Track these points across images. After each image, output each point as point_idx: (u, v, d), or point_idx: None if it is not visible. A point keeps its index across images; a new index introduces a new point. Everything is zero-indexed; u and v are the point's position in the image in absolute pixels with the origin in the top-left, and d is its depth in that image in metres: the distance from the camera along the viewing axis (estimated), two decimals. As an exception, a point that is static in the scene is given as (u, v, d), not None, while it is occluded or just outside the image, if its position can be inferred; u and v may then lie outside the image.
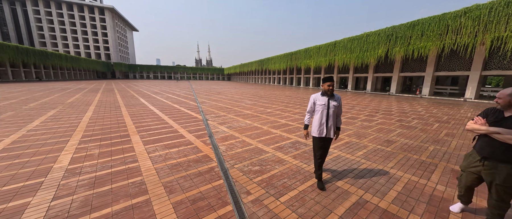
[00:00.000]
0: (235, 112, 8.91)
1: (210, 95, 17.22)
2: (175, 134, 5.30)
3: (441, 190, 2.76)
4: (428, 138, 5.30)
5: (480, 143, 1.94)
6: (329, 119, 2.66)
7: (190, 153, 3.99)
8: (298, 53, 34.41)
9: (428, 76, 18.79)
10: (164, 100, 13.04)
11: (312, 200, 2.51)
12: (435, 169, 3.42)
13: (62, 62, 45.99)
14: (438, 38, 15.90)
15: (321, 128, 2.68)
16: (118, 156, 3.80)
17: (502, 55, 14.53)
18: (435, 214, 2.25)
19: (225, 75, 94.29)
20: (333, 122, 2.71)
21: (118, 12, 71.70)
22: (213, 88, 26.64)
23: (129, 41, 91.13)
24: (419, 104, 12.49)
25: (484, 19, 13.41)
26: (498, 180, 1.79)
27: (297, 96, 16.86)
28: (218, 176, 3.08)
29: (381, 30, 20.23)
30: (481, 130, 1.86)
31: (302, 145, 4.60)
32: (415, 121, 7.43)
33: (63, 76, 49.71)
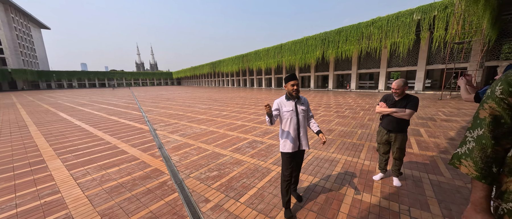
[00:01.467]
0: (188, 118, 8.36)
1: (158, 102, 15.51)
2: (114, 151, 4.50)
3: (367, 164, 3.44)
4: (357, 123, 6.49)
5: (385, 121, 2.65)
6: (301, 127, 2.14)
7: (135, 170, 3.47)
8: (249, 55, 35.46)
9: (354, 74, 23.02)
10: (96, 112, 10.84)
11: (270, 194, 2.64)
12: (363, 148, 4.22)
13: None
14: (357, 42, 19.69)
15: (293, 141, 2.11)
16: (28, 190, 2.90)
17: (397, 56, 19.40)
18: (364, 185, 2.78)
19: (175, 79, 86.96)
20: (305, 130, 2.21)
21: (16, 4, 54.67)
22: (161, 95, 24.08)
23: (37, 42, 70.88)
24: (349, 97, 15.12)
25: (384, 28, 17.54)
26: (397, 144, 2.58)
27: (252, 97, 17.36)
28: (171, 190, 2.81)
29: (317, 35, 23.35)
30: (386, 111, 2.58)
31: (258, 143, 4.77)
32: (347, 111, 8.95)
33: None
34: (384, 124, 2.66)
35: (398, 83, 2.46)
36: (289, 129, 2.14)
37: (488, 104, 0.78)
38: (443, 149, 4.02)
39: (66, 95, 26.63)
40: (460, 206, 2.26)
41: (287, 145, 2.14)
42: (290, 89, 2.10)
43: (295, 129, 2.13)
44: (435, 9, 14.48)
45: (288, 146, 2.13)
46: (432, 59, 17.56)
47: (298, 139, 2.16)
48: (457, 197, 2.42)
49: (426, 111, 8.25)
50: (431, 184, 2.74)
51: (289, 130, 2.14)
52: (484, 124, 0.77)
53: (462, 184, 2.71)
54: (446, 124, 6.02)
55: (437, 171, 3.11)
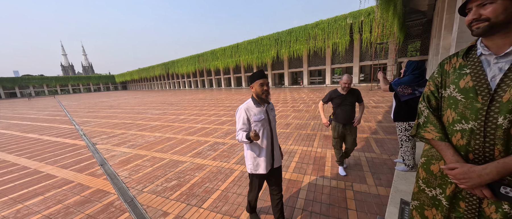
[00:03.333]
0: (139, 126, 7.42)
1: (97, 111, 13.14)
2: (35, 177, 3.56)
3: (320, 151, 3.86)
4: (310, 116, 7.19)
5: (340, 115, 2.70)
6: (274, 139, 1.75)
7: (68, 196, 2.85)
8: (205, 55, 34.10)
9: (305, 71, 25.33)
10: (2, 131, 8.31)
11: (234, 194, 2.63)
12: (315, 137, 4.71)
13: None
14: (305, 42, 21.72)
15: (267, 158, 1.69)
16: None
17: (338, 54, 22.45)
18: (317, 170, 3.11)
19: (118, 83, 75.14)
20: (278, 142, 1.86)
21: None
22: (101, 102, 20.47)
23: None
24: (303, 92, 16.57)
25: (326, 30, 19.97)
26: (353, 135, 2.75)
27: (212, 98, 16.81)
28: (120, 210, 2.44)
29: (270, 35, 24.50)
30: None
31: (220, 145, 4.67)
32: (301, 105, 9.79)
33: None
34: (340, 118, 2.70)
35: (350, 77, 2.60)
36: (261, 142, 1.67)
37: (428, 81, 1.04)
38: (374, 130, 4.91)
39: None
40: (387, 174, 2.81)
41: (261, 164, 1.69)
42: (258, 91, 1.63)
43: (269, 142, 1.70)
44: (362, 15, 17.40)
45: (262, 165, 1.68)
46: (363, 56, 21.09)
47: (272, 154, 1.74)
48: (384, 168, 3.00)
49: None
50: (367, 160, 3.31)
51: (261, 144, 1.67)
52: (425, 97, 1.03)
53: (387, 157, 3.38)
54: (375, 110, 7.36)
55: (370, 149, 3.77)
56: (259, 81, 1.63)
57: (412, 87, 2.32)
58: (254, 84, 1.66)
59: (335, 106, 2.77)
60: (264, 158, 1.70)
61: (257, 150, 1.71)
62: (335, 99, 2.74)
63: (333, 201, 2.34)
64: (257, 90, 1.65)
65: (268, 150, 1.72)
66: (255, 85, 1.65)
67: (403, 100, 2.42)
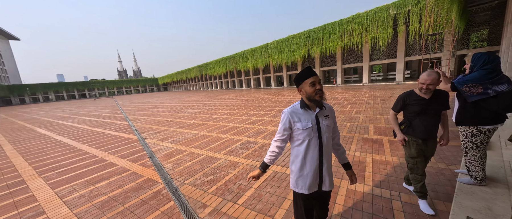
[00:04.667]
0: (178, 124, 8.17)
1: (144, 110, 15.00)
2: (102, 164, 4.29)
3: (358, 155, 3.57)
4: (345, 117, 6.71)
5: (419, 128, 1.96)
6: (324, 155, 1.39)
7: (126, 182, 3.34)
8: (235, 57, 35.33)
9: (339, 69, 23.76)
10: (78, 125, 10.26)
11: (267, 193, 2.66)
12: (353, 141, 4.37)
13: None
14: (340, 38, 20.35)
15: (311, 177, 1.39)
16: (8, 214, 2.69)
17: (378, 50, 20.31)
18: (357, 176, 2.89)
19: (161, 85, 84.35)
20: (330, 160, 1.45)
21: (-23, 13, 50.11)
22: (147, 102, 23.30)
23: (5, 54, 65.63)
24: (336, 92, 15.59)
25: (364, 23, 18.29)
26: (432, 153, 2.04)
27: (241, 98, 17.32)
28: (166, 199, 2.74)
29: (301, 33, 23.81)
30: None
31: (252, 144, 4.77)
32: (335, 105, 9.22)
33: None
34: (420, 132, 1.95)
35: (434, 76, 1.80)
36: (305, 157, 1.37)
37: None
38: (425, 135, 4.28)
39: (43, 110, 24.90)
40: (445, 186, 2.42)
41: (300, 182, 1.40)
42: (310, 92, 1.30)
43: (315, 157, 1.37)
44: (409, 4, 15.33)
45: (303, 184, 1.40)
46: (409, 51, 18.58)
47: (319, 173, 1.40)
48: (441, 179, 2.59)
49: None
50: (417, 168, 2.90)
51: (305, 159, 1.38)
52: None
53: (444, 166, 2.90)
54: (426, 111, 6.40)
55: (421, 156, 3.30)
56: (309, 80, 1.30)
57: (484, 85, 1.90)
58: (303, 85, 1.32)
59: (411, 115, 2.01)
60: (308, 176, 1.38)
61: (299, 163, 1.40)
62: (411, 106, 1.99)
63: (377, 211, 2.14)
64: (308, 91, 1.30)
65: (314, 167, 1.38)
66: (305, 86, 1.31)
67: (470, 101, 2.03)
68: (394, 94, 10.98)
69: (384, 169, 2.99)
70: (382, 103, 8.68)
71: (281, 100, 13.42)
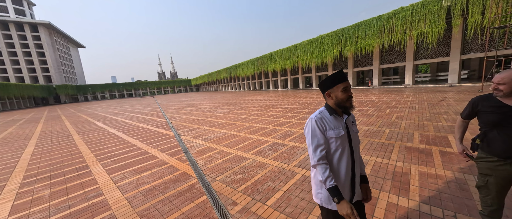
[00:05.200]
0: (209, 123, 8.66)
1: (179, 109, 16.34)
2: (145, 156, 4.84)
3: (400, 166, 3.20)
4: (384, 122, 6.10)
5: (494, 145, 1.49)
6: (356, 164, 1.32)
7: (165, 174, 3.69)
8: (264, 58, 35.64)
9: (376, 69, 21.72)
10: (126, 120, 11.79)
11: (297, 197, 2.60)
12: (393, 148, 3.95)
13: (-17, 91, 37.34)
14: (378, 36, 18.60)
15: (345, 190, 1.27)
16: (77, 192, 3.26)
17: (426, 47, 17.85)
18: (399, 188, 2.59)
19: (193, 86, 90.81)
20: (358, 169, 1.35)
21: (57, 27, 62.37)
22: (181, 101, 25.33)
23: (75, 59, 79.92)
24: (372, 94, 14.29)
25: (409, 18, 16.32)
26: None
27: (269, 100, 17.36)
28: (200, 193, 2.93)
29: (333, 32, 22.60)
30: None
31: (280, 146, 4.74)
32: (371, 109, 8.46)
33: (-14, 108, 40.26)
34: (500, 148, 1.46)
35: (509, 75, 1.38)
36: (338, 168, 1.25)
37: None
38: (490, 148, 3.57)
39: (100, 106, 29.45)
40: (519, 212, 1.98)
41: None
42: (342, 98, 1.22)
43: (349, 167, 1.26)
44: (468, -7, 13.08)
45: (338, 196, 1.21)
46: (467, 47, 15.82)
47: (351, 184, 1.28)
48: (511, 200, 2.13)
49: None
50: (479, 187, 2.45)
51: (338, 170, 1.25)
52: None
53: (518, 187, 2.38)
54: (491, 119, 5.35)
55: (484, 172, 2.77)
56: (342, 86, 1.21)
57: None
58: (333, 90, 1.23)
59: (485, 125, 1.55)
60: (342, 189, 1.24)
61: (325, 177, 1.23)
62: (486, 114, 1.53)
63: (424, 230, 1.89)
64: (340, 97, 1.22)
65: (346, 179, 1.25)
66: (337, 91, 1.22)
67: None
68: (446, 98, 9.49)
69: (435, 183, 2.62)
70: (431, 108, 7.59)
71: (309, 102, 12.97)
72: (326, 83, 1.25)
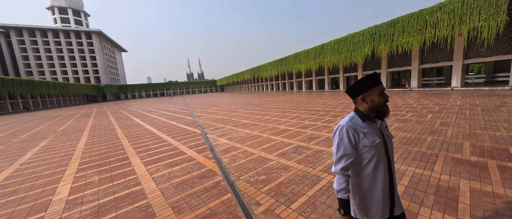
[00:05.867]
0: (233, 123, 8.89)
1: (206, 108, 17.16)
2: (176, 151, 5.21)
3: (446, 180, 2.82)
4: (424, 129, 5.44)
5: None
6: (393, 174, 1.22)
7: (193, 169, 3.92)
8: (288, 59, 35.14)
9: (415, 70, 19.52)
10: (159, 118, 12.87)
11: (323, 204, 2.50)
12: (437, 159, 3.49)
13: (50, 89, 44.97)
14: (418, 33, 16.70)
15: (382, 202, 1.16)
16: (120, 180, 3.69)
17: (480, 44, 15.37)
18: (444, 205, 2.29)
19: (218, 86, 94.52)
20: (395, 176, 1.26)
21: (105, 34, 71.71)
22: (207, 101, 26.59)
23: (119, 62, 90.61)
24: (410, 97, 12.87)
25: (458, 12, 14.27)
26: None
27: (292, 101, 17.04)
28: (225, 190, 3.03)
29: (364, 30, 21.09)
30: None
31: (304, 149, 4.62)
32: (409, 114, 7.63)
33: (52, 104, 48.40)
34: None
35: None
36: (374, 178, 1.16)
37: None
38: None
39: (138, 104, 32.75)
40: None
41: (372, 210, 1.16)
42: (379, 102, 1.14)
43: (385, 176, 1.16)
44: (541, -23, 10.85)
45: (376, 211, 1.16)
46: (538, 43, 13.12)
47: (390, 196, 1.19)
48: None
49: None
50: (556, 213, 2.01)
51: (374, 180, 1.16)
52: None
53: None
54: None
55: None
56: (378, 89, 1.12)
57: None
58: (369, 94, 1.14)
59: None
60: (378, 201, 1.15)
61: (366, 187, 1.17)
62: None
63: (478, 257, 1.63)
64: (377, 101, 1.13)
65: (385, 190, 1.15)
66: (372, 95, 1.13)
67: None
68: (506, 104, 8.02)
69: (491, 203, 2.23)
70: (486, 114, 6.51)
71: (336, 104, 12.32)
72: (359, 87, 1.16)
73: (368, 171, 1.16)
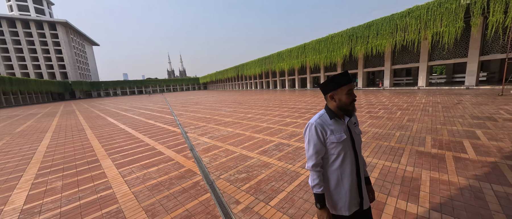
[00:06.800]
0: (215, 121, 8.73)
1: (187, 106, 16.59)
2: (153, 152, 4.95)
3: (410, 171, 3.08)
4: (394, 125, 5.90)
5: None
6: (362, 168, 1.29)
7: (171, 170, 3.76)
8: (271, 57, 35.46)
9: (387, 70, 21.06)
10: (136, 117, 12.12)
11: (301, 199, 2.56)
12: (403, 152, 3.80)
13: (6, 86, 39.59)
14: (390, 36, 18.00)
15: (350, 195, 1.21)
16: (87, 185, 3.38)
17: (441, 47, 17.09)
18: (408, 194, 2.49)
19: (201, 84, 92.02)
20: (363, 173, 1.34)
21: (73, 26, 65.10)
22: (189, 99, 25.73)
23: (89, 57, 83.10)
24: (383, 96, 13.86)
25: (424, 17, 15.66)
26: None
27: (276, 99, 17.27)
28: (204, 190, 2.96)
29: (343, 32, 22.10)
30: None
31: (285, 146, 4.70)
32: (381, 111, 8.20)
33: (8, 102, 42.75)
34: None
35: None
36: (341, 173, 1.20)
37: None
38: (509, 154, 3.37)
39: (112, 102, 30.48)
40: (540, 225, 1.85)
41: (340, 203, 1.22)
42: (345, 102, 1.16)
43: (352, 171, 1.21)
44: (490, -10, 12.36)
45: (342, 204, 1.21)
46: (487, 48, 15.00)
47: (358, 190, 1.24)
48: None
49: (483, 109, 7.04)
50: (496, 196, 2.31)
51: (342, 175, 1.20)
52: None
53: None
54: (511, 124, 5.04)
55: (502, 180, 2.61)
56: (347, 88, 1.14)
57: None
58: (337, 93, 1.16)
59: None
60: (346, 195, 1.20)
61: (333, 182, 1.21)
62: None
63: (434, 239, 1.80)
64: (344, 100, 1.15)
65: (352, 184, 1.21)
66: (340, 94, 1.15)
67: None
68: (462, 102, 9.05)
69: (447, 190, 2.49)
70: (445, 111, 7.26)
71: (317, 102, 12.78)
72: (329, 85, 1.17)
73: (335, 166, 1.21)
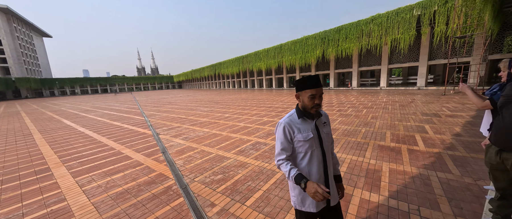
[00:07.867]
0: (191, 121, 8.37)
1: (160, 106, 15.57)
2: (118, 157, 4.51)
3: (373, 163, 3.39)
4: (360, 122, 6.44)
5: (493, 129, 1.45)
6: (329, 166, 1.32)
7: (140, 175, 3.47)
8: (249, 57, 35.51)
9: (355, 72, 22.93)
10: (99, 118, 10.91)
11: (276, 196, 2.61)
12: (368, 147, 4.17)
13: None
14: (357, 40, 19.62)
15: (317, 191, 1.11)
16: (34, 198, 2.91)
17: (398, 52, 19.28)
18: (371, 184, 2.74)
19: (176, 83, 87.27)
20: (331, 171, 1.35)
21: (16, 13, 55.37)
22: (162, 99, 24.19)
23: (39, 50, 71.78)
24: (351, 95, 15.04)
25: (384, 25, 17.46)
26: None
27: (253, 98, 17.35)
28: (177, 195, 2.80)
29: (316, 34, 23.31)
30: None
31: (262, 145, 4.74)
32: (350, 109, 8.89)
33: None
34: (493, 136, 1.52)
35: None
36: (309, 171, 1.25)
37: None
38: (449, 145, 3.96)
39: (69, 102, 26.88)
40: (471, 204, 2.21)
41: (307, 200, 1.26)
42: (307, 104, 1.20)
43: (320, 169, 1.26)
44: (435, 4, 14.37)
45: (310, 201, 1.26)
46: (434, 54, 17.42)
47: (326, 185, 1.28)
48: (468, 195, 2.37)
49: (430, 107, 8.16)
50: (440, 182, 2.69)
51: (309, 173, 1.25)
52: None
53: (471, 181, 2.66)
54: (451, 120, 5.94)
55: (445, 168, 3.06)
56: (310, 92, 1.16)
57: None
58: (301, 94, 1.21)
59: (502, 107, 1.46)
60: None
61: None
62: None
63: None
64: (305, 102, 1.20)
65: (320, 182, 1.25)
66: (303, 96, 1.20)
67: None
68: (414, 100, 10.35)
69: (402, 179, 2.81)
70: (401, 109, 8.21)
71: (294, 101, 13.23)
72: (297, 85, 1.22)
73: (303, 164, 1.25)
